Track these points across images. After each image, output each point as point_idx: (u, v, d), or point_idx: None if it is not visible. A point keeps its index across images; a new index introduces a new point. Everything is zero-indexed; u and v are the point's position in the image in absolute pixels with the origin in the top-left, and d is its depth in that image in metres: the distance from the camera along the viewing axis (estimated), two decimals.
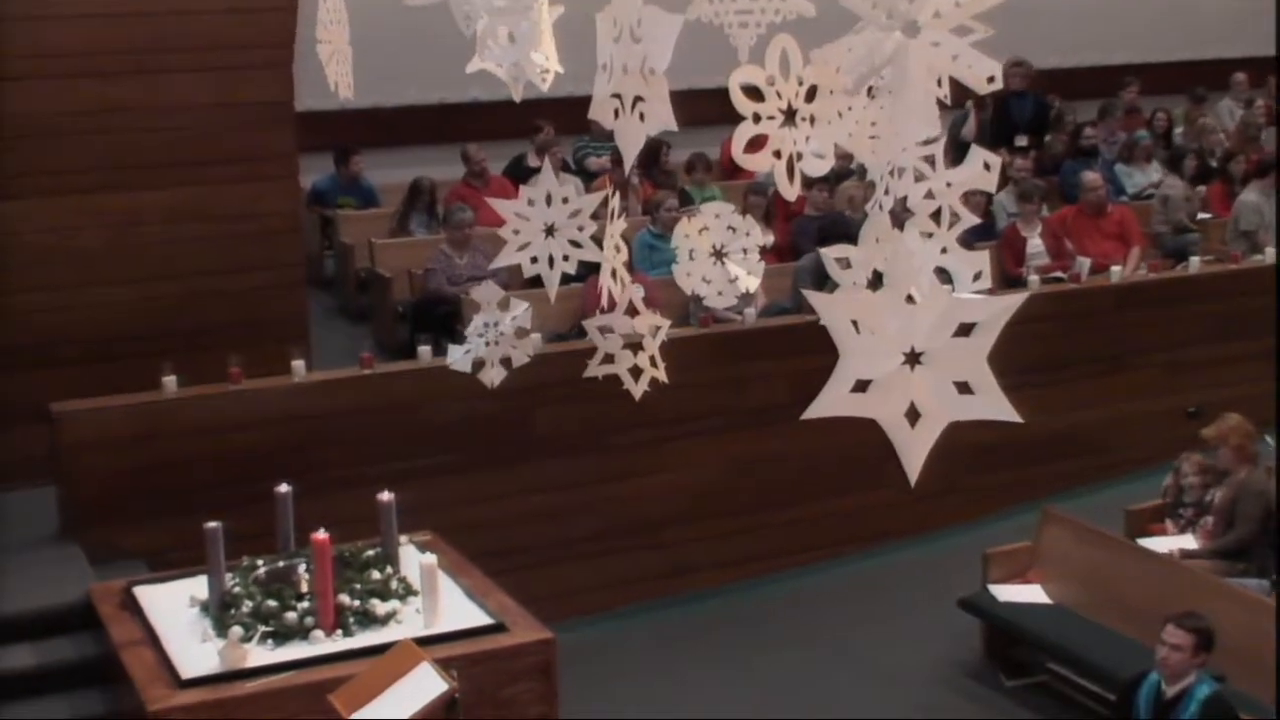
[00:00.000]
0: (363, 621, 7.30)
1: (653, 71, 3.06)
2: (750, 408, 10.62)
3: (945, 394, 2.49)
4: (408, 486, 8.64)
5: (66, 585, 8.34)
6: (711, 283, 4.04)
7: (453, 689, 5.97)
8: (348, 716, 5.84)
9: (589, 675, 9.15)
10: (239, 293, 10.35)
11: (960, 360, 2.47)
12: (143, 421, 9.25)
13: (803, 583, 10.74)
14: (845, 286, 2.75)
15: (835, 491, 10.90)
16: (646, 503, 10.42)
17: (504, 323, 4.41)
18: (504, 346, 4.43)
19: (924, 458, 2.53)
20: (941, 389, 2.49)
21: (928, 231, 2.73)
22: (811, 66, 2.83)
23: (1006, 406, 2.47)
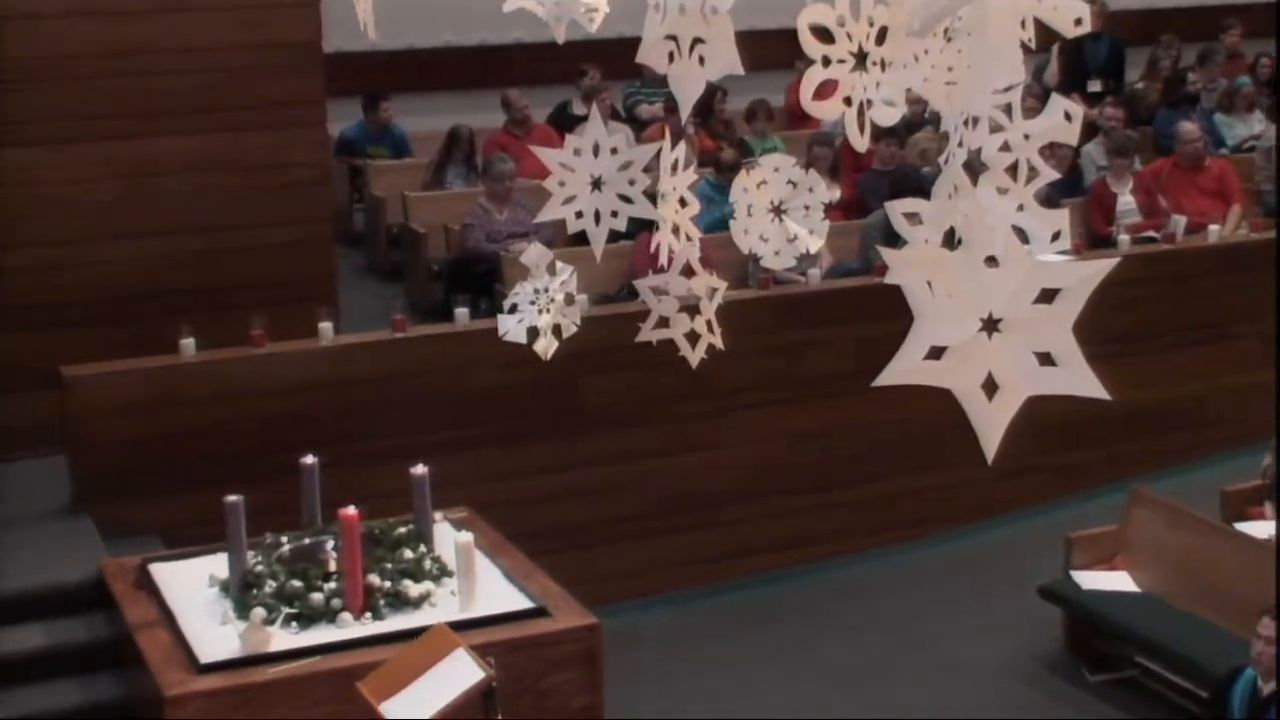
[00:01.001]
0: (394, 604, 7.34)
1: (714, 10, 3.04)
2: (814, 377, 10.60)
3: (1025, 365, 2.48)
4: (443, 459, 8.67)
5: (77, 561, 8.41)
6: (769, 241, 4.02)
7: (490, 678, 6.00)
8: (377, 706, 5.88)
9: (637, 665, 9.17)
10: (262, 249, 10.39)
11: (1042, 329, 2.46)
12: (159, 386, 9.31)
13: (870, 568, 10.74)
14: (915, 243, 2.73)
15: (906, 469, 10.88)
16: (701, 479, 10.42)
17: (553, 287, 4.41)
18: (556, 313, 4.43)
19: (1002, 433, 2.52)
20: (1021, 359, 2.47)
21: (1003, 187, 2.71)
22: (884, 6, 2.81)
23: (1092, 381, 2.45)
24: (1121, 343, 10.83)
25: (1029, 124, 2.73)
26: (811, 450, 10.69)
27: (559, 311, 4.41)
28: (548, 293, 4.42)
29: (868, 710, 8.90)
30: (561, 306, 4.42)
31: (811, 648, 9.66)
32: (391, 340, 9.82)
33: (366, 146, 13.86)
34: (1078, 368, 2.46)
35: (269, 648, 7.02)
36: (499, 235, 11.75)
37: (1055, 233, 2.67)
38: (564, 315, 4.44)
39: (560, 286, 4.41)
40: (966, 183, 2.69)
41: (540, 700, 7.23)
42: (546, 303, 4.43)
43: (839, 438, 10.71)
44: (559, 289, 4.40)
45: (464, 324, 9.87)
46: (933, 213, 2.76)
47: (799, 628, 9.95)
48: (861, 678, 9.29)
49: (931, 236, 2.75)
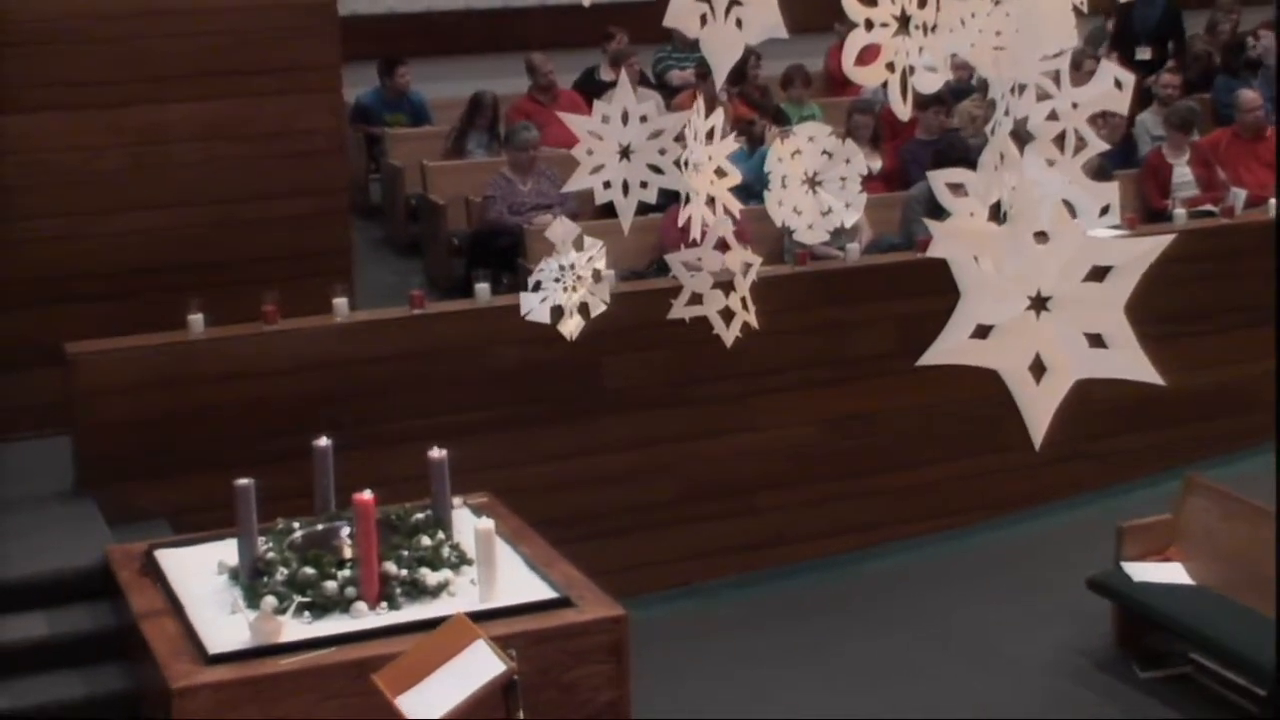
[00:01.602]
0: (411, 593, 7.36)
1: None
2: (852, 357, 10.59)
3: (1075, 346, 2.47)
4: (462, 442, 8.69)
5: (81, 547, 8.45)
6: (803, 214, 4.02)
7: (511, 670, 6.01)
8: (393, 699, 5.90)
9: (665, 658, 9.19)
10: (275, 221, 10.41)
11: (1092, 308, 2.45)
12: (167, 365, 9.34)
13: (910, 558, 10.73)
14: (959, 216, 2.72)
15: (949, 454, 10.86)
16: (733, 465, 10.43)
17: (580, 264, 4.40)
18: (583, 291, 4.42)
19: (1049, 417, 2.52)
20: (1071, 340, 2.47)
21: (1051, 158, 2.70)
22: None
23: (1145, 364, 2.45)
24: (1176, 323, 10.79)
25: (1077, 92, 2.72)
26: (849, 434, 10.68)
27: (587, 289, 4.41)
28: (574, 270, 4.42)
29: (906, 708, 8.90)
30: (589, 284, 4.41)
31: (848, 642, 9.66)
32: (409, 317, 9.84)
33: (383, 114, 13.87)
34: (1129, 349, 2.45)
35: (280, 638, 7.04)
36: (522, 207, 11.75)
37: (1104, 207, 2.66)
38: (592, 293, 4.43)
39: (588, 263, 4.40)
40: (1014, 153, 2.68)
41: (564, 695, 7.25)
42: (573, 280, 4.42)
43: (878, 421, 10.70)
44: (587, 265, 4.39)
45: (485, 300, 9.89)
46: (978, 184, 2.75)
47: (835, 621, 9.95)
48: (900, 674, 9.29)
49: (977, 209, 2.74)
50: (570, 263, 4.42)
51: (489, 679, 5.98)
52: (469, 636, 6.13)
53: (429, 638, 6.24)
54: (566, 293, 4.43)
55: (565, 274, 4.44)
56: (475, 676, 5.98)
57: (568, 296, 4.43)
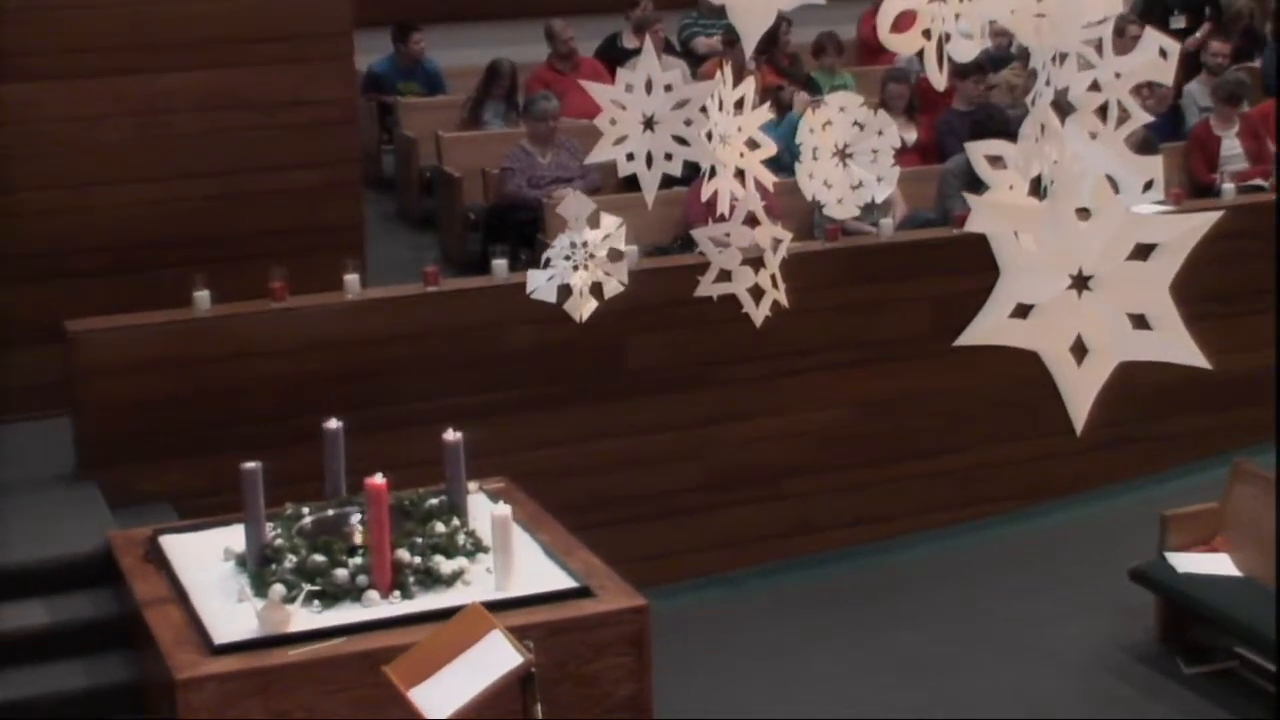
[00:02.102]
0: (424, 582, 7.38)
1: None
2: (886, 337, 10.58)
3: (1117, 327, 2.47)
4: (479, 424, 8.70)
5: (82, 533, 8.48)
6: (833, 188, 4.02)
7: (529, 663, 6.02)
8: (406, 692, 5.92)
9: (689, 650, 9.20)
10: (283, 194, 10.42)
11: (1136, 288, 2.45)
12: (171, 343, 9.36)
13: (945, 546, 10.73)
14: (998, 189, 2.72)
15: (985, 439, 10.85)
16: (759, 449, 10.43)
17: (594, 242, 4.40)
18: (595, 271, 4.42)
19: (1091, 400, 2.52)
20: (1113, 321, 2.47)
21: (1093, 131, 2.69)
22: None
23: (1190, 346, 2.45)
24: (1223, 302, 10.77)
25: (1121, 61, 2.72)
26: (881, 418, 10.67)
27: (600, 268, 4.40)
28: (586, 247, 4.42)
29: (939, 702, 8.91)
30: (604, 263, 4.41)
31: (878, 635, 9.67)
32: (423, 294, 9.84)
33: (397, 82, 13.88)
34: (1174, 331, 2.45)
35: (289, 628, 7.06)
36: (541, 180, 11.75)
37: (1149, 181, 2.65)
38: (608, 272, 4.43)
39: (604, 241, 4.40)
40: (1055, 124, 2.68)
41: (583, 688, 7.26)
42: (584, 258, 4.42)
43: (912, 404, 10.69)
44: (602, 244, 4.39)
45: (502, 277, 9.89)
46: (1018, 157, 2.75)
47: (865, 613, 9.95)
48: (933, 667, 9.29)
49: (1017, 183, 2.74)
50: (582, 240, 4.42)
51: (505, 671, 5.99)
52: (485, 627, 6.14)
53: (443, 628, 6.26)
54: (576, 271, 4.43)
55: (576, 252, 4.44)
56: (491, 668, 5.99)
57: (578, 276, 4.43)
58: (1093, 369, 2.51)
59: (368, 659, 6.79)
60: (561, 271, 4.45)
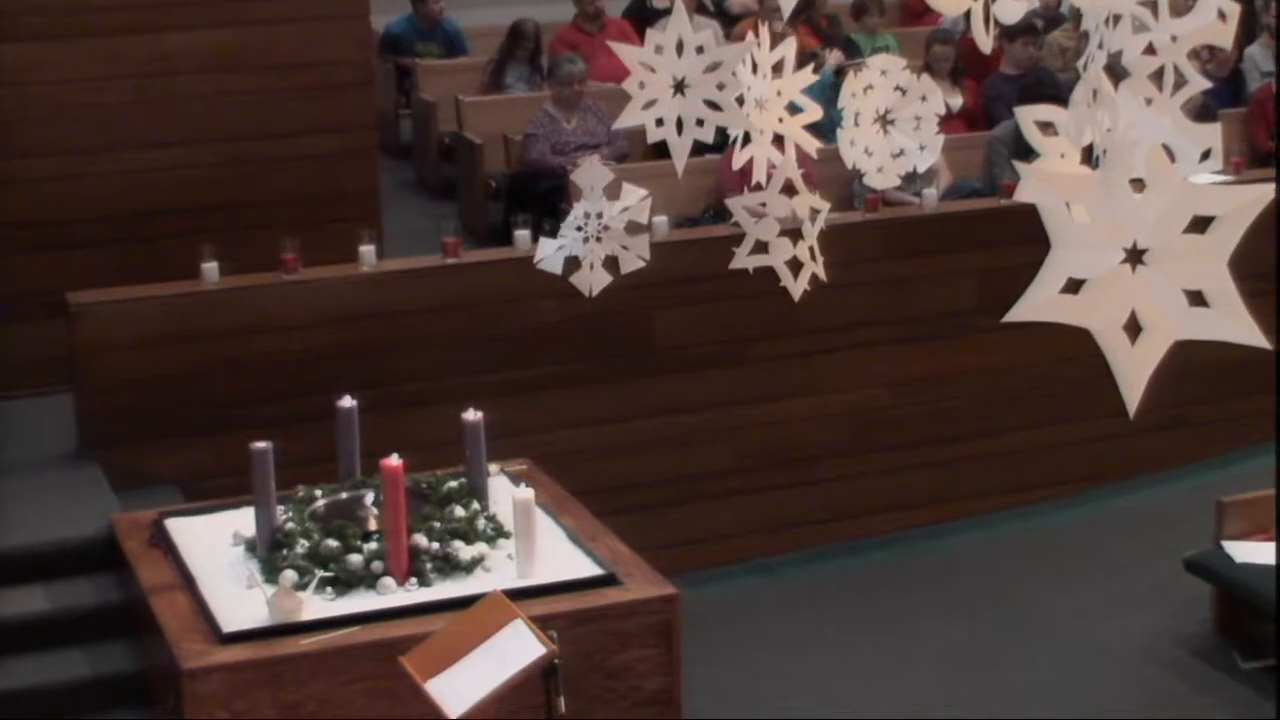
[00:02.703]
0: (442, 568, 7.39)
1: None
2: (928, 313, 10.56)
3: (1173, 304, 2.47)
4: (500, 403, 8.71)
5: (85, 515, 8.50)
6: (873, 156, 4.02)
7: (552, 653, 6.04)
8: (423, 683, 5.93)
9: (720, 641, 9.20)
10: (295, 161, 10.43)
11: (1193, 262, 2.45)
12: (178, 317, 9.38)
13: (990, 534, 10.71)
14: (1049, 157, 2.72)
15: (1034, 421, 10.84)
16: (795, 430, 10.42)
17: (610, 214, 4.39)
18: (609, 243, 4.41)
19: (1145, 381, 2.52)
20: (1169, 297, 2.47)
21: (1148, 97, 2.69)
22: None
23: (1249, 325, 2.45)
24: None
25: (1177, 23, 2.71)
26: (923, 398, 10.66)
27: (616, 241, 4.40)
28: (600, 219, 4.41)
29: (983, 697, 8.90)
30: (622, 236, 4.40)
31: (920, 626, 9.66)
32: (442, 266, 9.85)
33: (415, 43, 13.88)
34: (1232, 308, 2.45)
35: (301, 616, 7.08)
36: (566, 147, 11.76)
37: (1206, 150, 2.65)
38: (626, 246, 4.42)
39: (622, 214, 4.39)
40: (1108, 90, 2.68)
41: (609, 680, 7.28)
42: (598, 230, 4.41)
43: (956, 384, 10.68)
44: (619, 216, 4.39)
45: (524, 248, 9.88)
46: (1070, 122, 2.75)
47: (906, 603, 9.95)
48: (976, 660, 9.29)
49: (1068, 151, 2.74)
50: (597, 211, 4.41)
51: (527, 662, 6.01)
52: (506, 616, 6.15)
53: (462, 617, 6.27)
54: (587, 243, 4.43)
55: (589, 223, 4.43)
56: (512, 660, 6.01)
57: (588, 248, 4.42)
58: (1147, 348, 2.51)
59: (383, 649, 6.81)
60: (572, 242, 4.45)
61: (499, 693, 5.94)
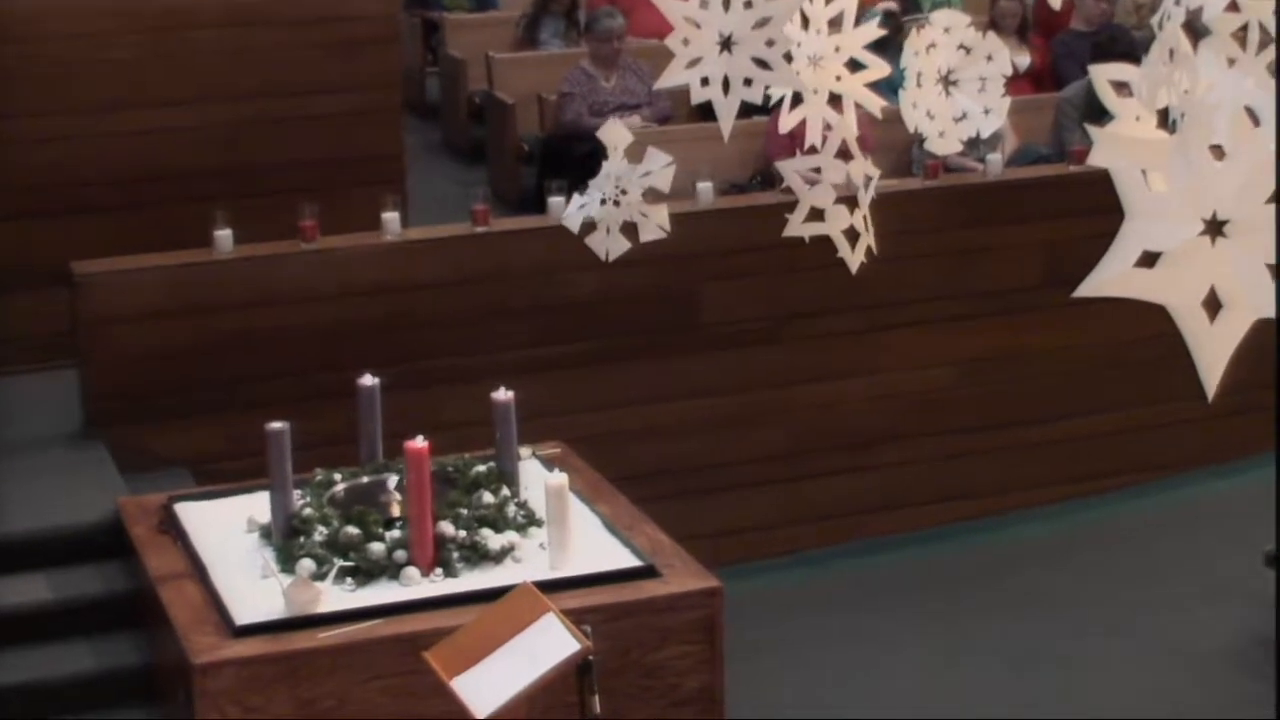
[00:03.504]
0: (470, 558, 7.40)
1: None
2: (992, 288, 10.54)
3: (1255, 278, 2.46)
4: (532, 382, 8.72)
5: (90, 499, 8.53)
6: (935, 119, 4.00)
7: (586, 649, 6.04)
8: (449, 680, 5.95)
9: (765, 638, 9.21)
10: (315, 121, 10.44)
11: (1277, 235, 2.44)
12: (189, 288, 9.40)
13: (1057, 525, 10.70)
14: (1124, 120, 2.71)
15: (1105, 404, 10.81)
16: (848, 413, 10.41)
17: (627, 177, 4.39)
18: (627, 209, 4.41)
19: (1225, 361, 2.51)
20: (1250, 271, 2.46)
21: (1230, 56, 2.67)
22: None
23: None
24: None
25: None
26: (987, 379, 10.64)
27: (634, 209, 4.40)
28: (618, 182, 4.41)
29: (1047, 699, 8.90)
30: (638, 203, 4.40)
31: (980, 622, 9.65)
32: (471, 235, 9.86)
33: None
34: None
35: (318, 608, 7.10)
36: (604, 107, 11.74)
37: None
38: (644, 214, 4.42)
39: (642, 179, 4.39)
40: (1187, 48, 2.66)
41: (647, 679, 7.28)
42: (615, 194, 4.41)
43: (1022, 364, 10.65)
44: (638, 181, 4.38)
45: (559, 217, 9.87)
46: (1145, 82, 2.73)
47: (965, 598, 9.94)
48: (1041, 661, 9.27)
49: (1144, 113, 2.72)
50: (617, 173, 4.42)
51: (560, 659, 6.01)
52: (537, 609, 6.16)
53: (490, 610, 6.28)
54: (604, 206, 4.43)
55: (608, 184, 4.44)
56: (544, 656, 6.02)
57: (604, 211, 4.43)
58: (1227, 326, 2.50)
59: (406, 643, 6.82)
60: (592, 202, 4.46)
61: (529, 691, 5.94)
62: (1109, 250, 2.53)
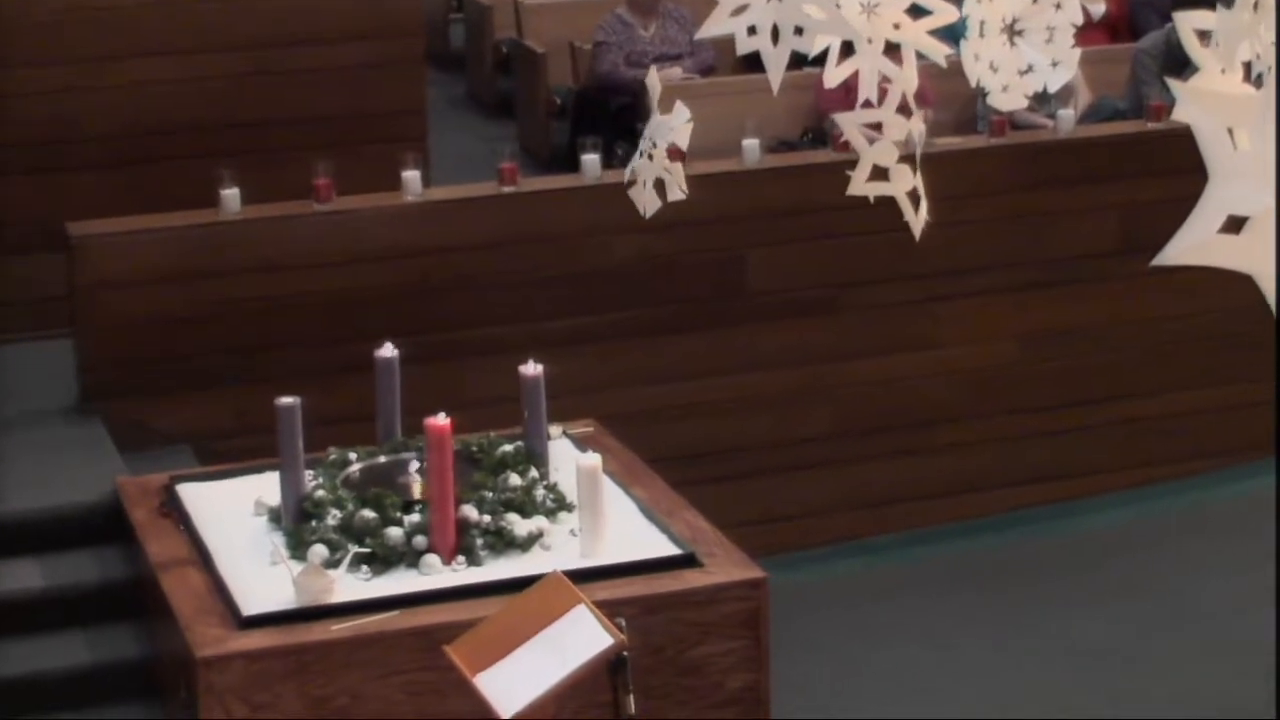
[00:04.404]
0: (495, 545, 7.41)
1: None
2: (1063, 255, 10.51)
3: None
4: (563, 355, 8.71)
5: (85, 479, 8.55)
6: (999, 72, 3.99)
7: (620, 644, 6.04)
8: (472, 677, 5.95)
9: (814, 633, 9.21)
10: (329, 72, 10.45)
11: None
12: (193, 252, 9.42)
13: (1131, 513, 10.67)
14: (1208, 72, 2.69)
15: (1184, 382, 10.78)
16: (907, 389, 10.40)
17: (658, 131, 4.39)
18: (657, 165, 4.42)
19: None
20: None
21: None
22: None
23: None
24: None
25: None
26: (1056, 354, 10.61)
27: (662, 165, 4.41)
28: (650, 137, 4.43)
29: (1118, 700, 8.89)
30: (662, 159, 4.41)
31: (1048, 618, 9.64)
32: (497, 196, 9.86)
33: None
34: None
35: (331, 598, 7.11)
36: (643, 57, 11.73)
37: None
38: (668, 170, 4.43)
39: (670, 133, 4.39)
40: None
41: (685, 677, 7.28)
42: (649, 148, 4.42)
43: (1094, 338, 10.63)
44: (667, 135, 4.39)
45: (593, 175, 9.89)
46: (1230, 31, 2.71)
47: (1031, 591, 9.93)
48: (1115, 659, 9.26)
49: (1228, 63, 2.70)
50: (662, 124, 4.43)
51: (592, 655, 6.02)
52: (567, 601, 6.16)
53: (517, 602, 6.28)
54: (640, 159, 4.45)
55: (644, 140, 4.46)
56: (574, 652, 6.02)
57: (641, 164, 4.44)
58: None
59: (426, 637, 6.84)
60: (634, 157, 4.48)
61: (558, 690, 5.95)
62: (1190, 215, 2.52)
